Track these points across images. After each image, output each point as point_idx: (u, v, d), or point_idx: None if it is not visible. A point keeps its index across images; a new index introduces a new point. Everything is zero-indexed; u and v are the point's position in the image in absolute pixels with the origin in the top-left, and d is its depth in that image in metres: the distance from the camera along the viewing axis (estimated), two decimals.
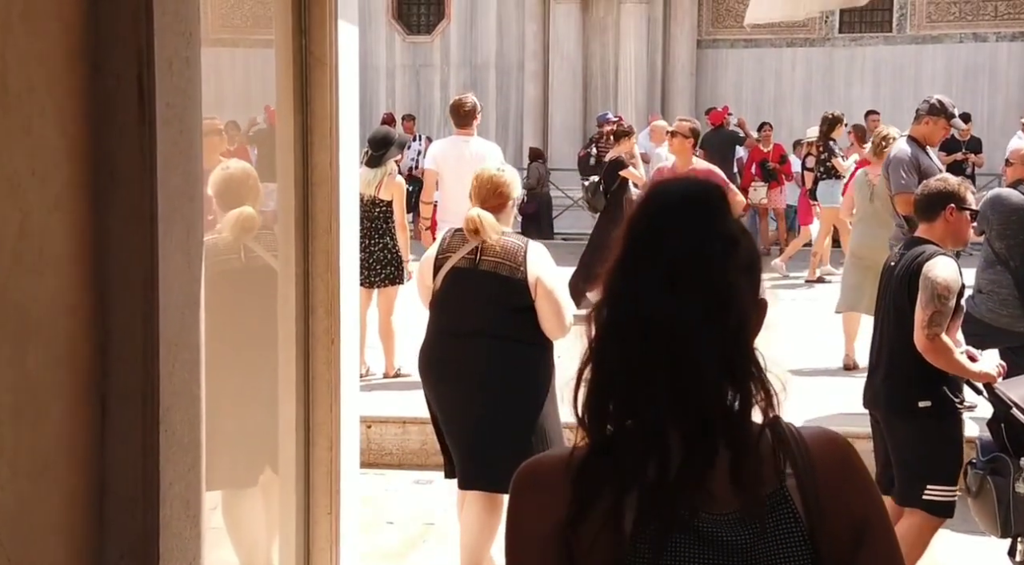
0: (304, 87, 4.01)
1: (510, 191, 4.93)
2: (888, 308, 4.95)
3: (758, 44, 21.17)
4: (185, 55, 2.36)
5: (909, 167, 7.36)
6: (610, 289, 1.68)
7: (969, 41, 20.49)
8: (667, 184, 1.74)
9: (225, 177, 4.45)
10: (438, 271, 4.87)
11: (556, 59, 20.76)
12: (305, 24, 3.96)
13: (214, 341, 4.10)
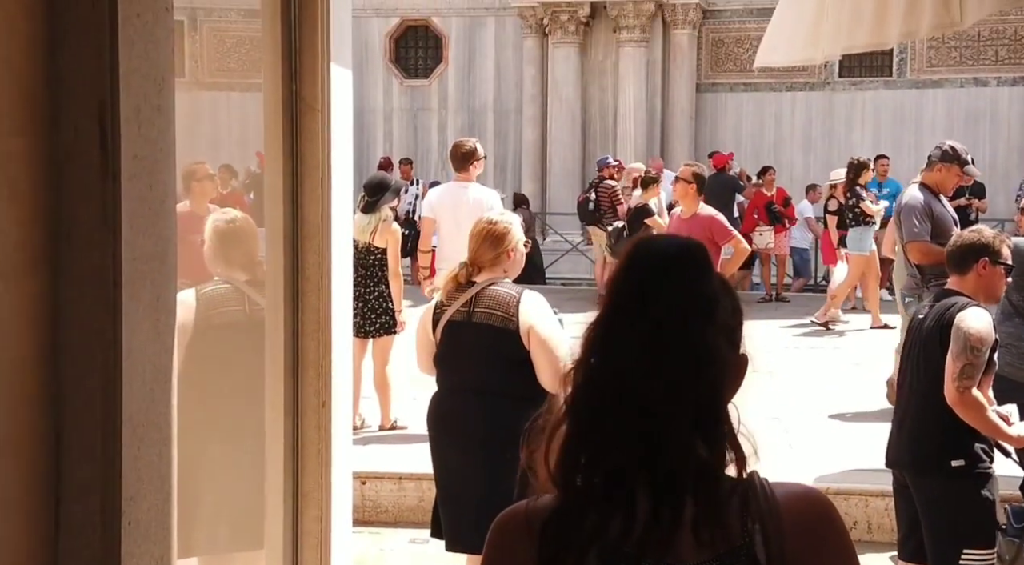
0: (294, 135, 3.79)
1: (508, 240, 4.70)
2: (916, 362, 4.70)
3: (757, 88, 21.06)
4: (156, 103, 2.13)
5: (922, 215, 7.16)
6: (589, 345, 1.73)
7: (970, 85, 20.38)
8: (650, 243, 1.79)
9: (226, 225, 4.22)
10: (437, 325, 4.67)
11: (554, 103, 20.63)
12: (296, 68, 3.75)
13: (200, 399, 3.88)
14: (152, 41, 2.10)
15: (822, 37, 3.75)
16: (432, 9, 22.08)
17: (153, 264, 2.13)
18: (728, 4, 21.06)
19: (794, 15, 4.22)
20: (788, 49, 4.39)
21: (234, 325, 4.12)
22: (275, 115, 3.74)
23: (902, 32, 2.79)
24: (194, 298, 4.07)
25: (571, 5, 20.06)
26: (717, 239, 8.39)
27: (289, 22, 3.69)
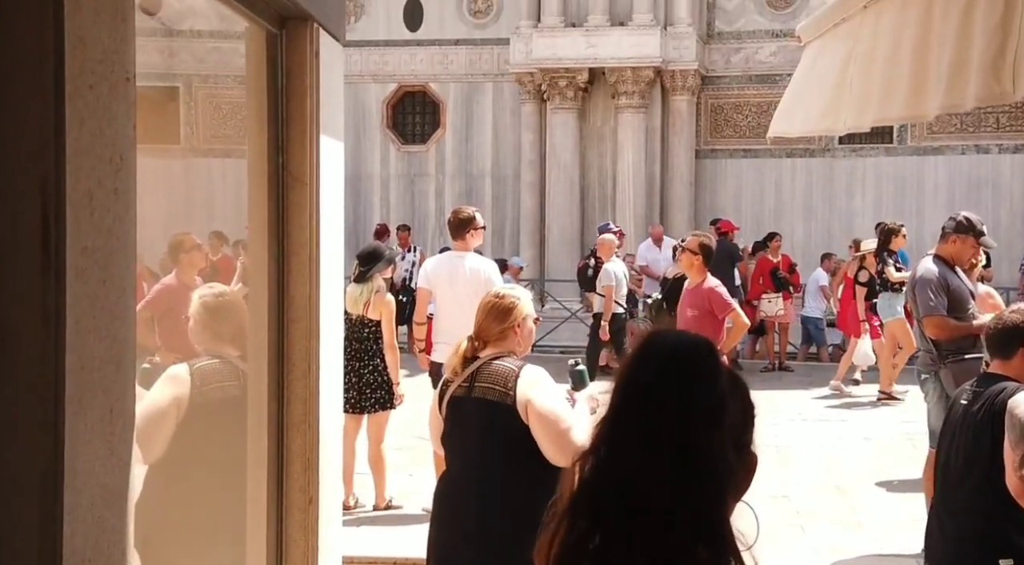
0: (280, 210, 3.52)
1: (514, 315, 4.46)
2: (963, 451, 4.39)
3: (757, 154, 20.92)
4: (112, 186, 1.85)
5: (937, 288, 6.89)
6: (597, 440, 1.76)
7: (971, 153, 20.24)
8: (658, 341, 1.80)
9: (214, 299, 3.93)
10: (442, 401, 4.46)
11: (553, 169, 20.46)
12: (283, 140, 3.49)
13: (177, 489, 3.57)
14: (108, 116, 1.83)
15: (844, 107, 3.51)
16: (430, 75, 22.01)
17: (106, 371, 1.84)
18: (727, 70, 20.99)
19: (813, 85, 4.00)
20: (805, 119, 4.15)
21: (231, 401, 3.84)
22: (259, 188, 3.48)
23: (945, 104, 2.55)
24: (187, 373, 3.78)
25: (569, 71, 19.97)
26: (716, 312, 8.15)
27: (276, 90, 3.44)
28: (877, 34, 3.11)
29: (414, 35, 22.02)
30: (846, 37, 3.48)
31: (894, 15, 2.94)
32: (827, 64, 3.71)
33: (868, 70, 3.17)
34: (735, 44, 20.98)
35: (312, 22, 3.43)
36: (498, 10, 21.68)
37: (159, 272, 4.31)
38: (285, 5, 3.27)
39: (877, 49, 3.08)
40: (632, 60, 19.70)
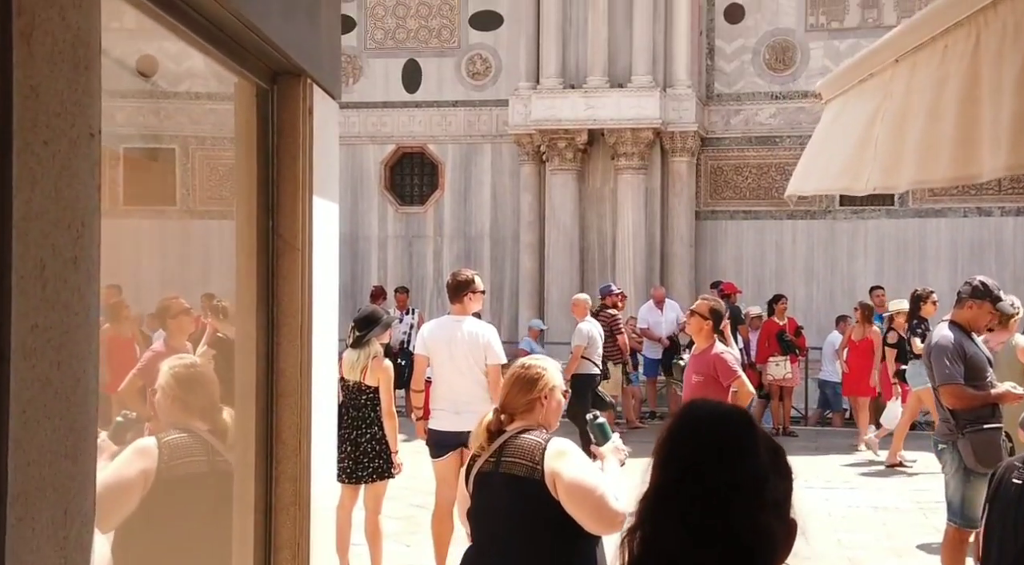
0: (270, 276, 3.30)
1: (541, 386, 4.27)
2: (1019, 533, 4.13)
3: (758, 216, 20.78)
4: (71, 254, 1.63)
5: (953, 355, 6.66)
6: (640, 518, 1.77)
7: (973, 215, 20.10)
8: (694, 415, 1.81)
9: (185, 370, 3.69)
10: (469, 476, 4.27)
11: (552, 230, 20.30)
12: (273, 202, 3.28)
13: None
14: (67, 176, 1.62)
15: (867, 166, 3.30)
16: (428, 136, 21.94)
17: (61, 466, 1.61)
18: (727, 132, 20.91)
19: (833, 143, 3.79)
20: (822, 176, 3.94)
21: (199, 478, 3.58)
22: (248, 254, 3.26)
23: (1010, 164, 2.31)
24: (156, 447, 3.53)
25: (568, 132, 19.88)
26: (721, 379, 7.93)
27: (266, 149, 3.23)
28: (911, 89, 2.91)
29: (412, 97, 21.98)
30: (873, 93, 3.28)
31: (933, 68, 2.74)
32: (850, 121, 3.51)
33: (900, 127, 2.96)
34: (735, 106, 20.93)
35: (305, 77, 3.24)
36: (496, 72, 21.66)
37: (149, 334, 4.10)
38: (277, 59, 3.08)
39: (912, 105, 2.88)
40: (631, 121, 19.63)
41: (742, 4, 20.86)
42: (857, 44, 20.30)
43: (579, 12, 20.14)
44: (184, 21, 2.53)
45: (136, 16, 2.48)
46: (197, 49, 2.75)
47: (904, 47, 3.04)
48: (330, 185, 3.49)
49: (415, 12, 21.97)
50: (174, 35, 2.54)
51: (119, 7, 2.32)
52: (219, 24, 2.70)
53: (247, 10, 2.68)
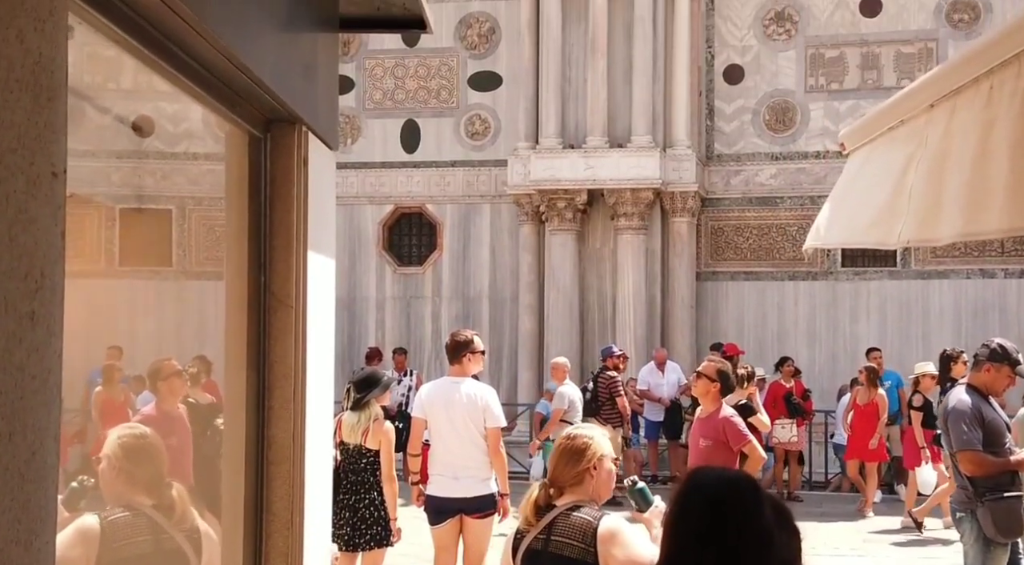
0: (262, 335, 3.09)
1: (589, 456, 4.10)
2: None
3: (759, 277, 20.61)
4: (28, 309, 1.43)
5: (971, 420, 6.43)
6: None
7: (976, 277, 19.91)
8: (698, 484, 1.86)
9: (133, 440, 3.43)
10: (516, 552, 4.08)
11: (552, 291, 20.11)
12: (265, 256, 3.08)
13: None
14: (24, 220, 1.41)
15: (900, 218, 3.10)
16: (426, 196, 21.82)
17: (11, 553, 1.39)
18: (727, 192, 20.81)
19: (859, 193, 3.58)
20: (848, 230, 3.72)
21: (144, 561, 3.32)
22: (238, 312, 3.06)
23: None
24: (98, 527, 3.27)
25: (568, 192, 19.77)
26: (732, 443, 7.72)
27: (258, 200, 3.04)
28: (951, 134, 2.72)
29: (411, 157, 21.91)
30: (906, 140, 3.08)
31: (977, 110, 2.55)
32: (879, 171, 3.31)
33: (938, 176, 2.77)
34: (735, 166, 20.84)
35: (300, 125, 3.05)
36: (495, 132, 21.60)
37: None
38: (271, 106, 2.89)
39: (952, 151, 2.69)
40: (631, 182, 19.51)
41: (741, 65, 20.84)
42: (857, 105, 20.28)
43: (578, 73, 20.12)
44: (171, 62, 2.35)
45: (124, 61, 2.30)
46: (185, 92, 2.57)
47: (940, 91, 2.85)
48: (326, 239, 3.29)
49: (414, 73, 21.96)
50: (159, 76, 2.36)
51: (102, 45, 2.14)
52: (209, 66, 2.53)
53: (239, 52, 2.50)
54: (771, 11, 20.69)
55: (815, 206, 20.46)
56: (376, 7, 3.55)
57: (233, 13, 2.39)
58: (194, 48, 2.34)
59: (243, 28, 2.48)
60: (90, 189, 2.67)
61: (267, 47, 2.72)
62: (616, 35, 19.87)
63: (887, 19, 20.30)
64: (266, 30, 2.71)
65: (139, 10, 2.10)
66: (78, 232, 2.85)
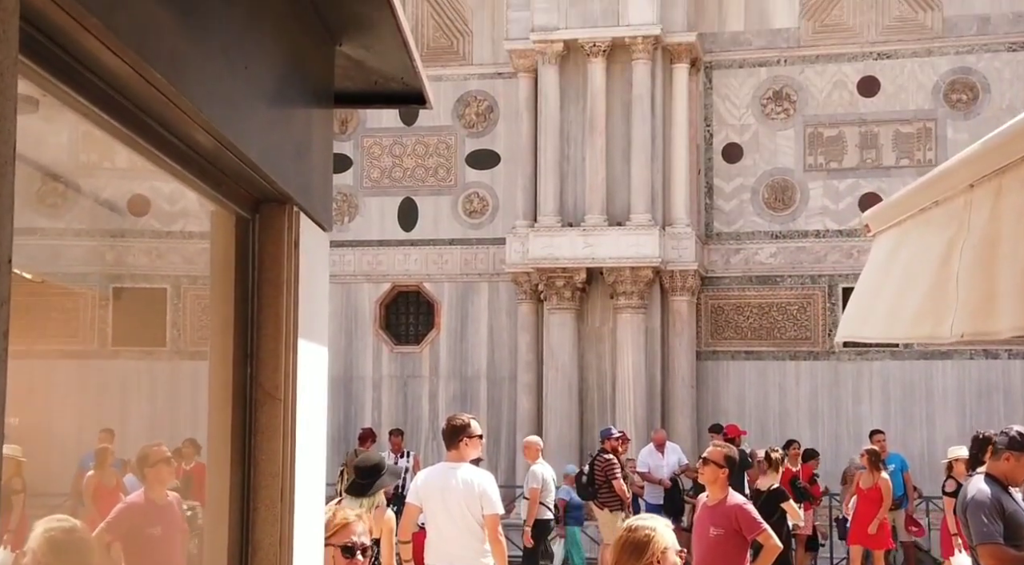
0: (247, 432, 2.86)
1: (651, 549, 3.92)
2: None
3: (760, 357, 20.38)
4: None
5: (991, 512, 6.17)
6: None
7: (980, 358, 19.69)
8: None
9: (63, 534, 3.13)
10: None
11: (550, 370, 19.86)
12: (252, 345, 2.85)
13: None
14: None
15: (949, 310, 2.88)
16: (424, 274, 21.66)
17: None
18: (727, 271, 20.66)
19: (896, 282, 3.36)
20: (890, 322, 3.48)
21: None
22: (222, 406, 2.83)
23: None
24: None
25: (567, 270, 19.62)
26: (745, 532, 7.42)
27: (246, 287, 2.82)
28: (998, 217, 2.52)
29: (408, 235, 21.80)
30: (944, 223, 2.88)
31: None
32: (915, 257, 3.10)
33: (988, 263, 2.56)
34: (734, 245, 20.72)
35: (291, 205, 2.85)
36: (493, 210, 21.51)
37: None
38: (259, 185, 2.69)
39: (1001, 235, 2.48)
40: (631, 260, 19.38)
41: (740, 144, 20.82)
42: (856, 184, 20.25)
43: (577, 151, 20.08)
44: (149, 138, 2.15)
45: (94, 136, 2.10)
46: (165, 170, 2.36)
47: (981, 170, 2.66)
48: (318, 326, 3.08)
49: (412, 151, 21.92)
50: (136, 153, 2.15)
51: (61, 113, 1.94)
52: (191, 143, 2.33)
53: (224, 127, 2.31)
54: (769, 90, 20.71)
55: (815, 285, 20.39)
56: (374, 82, 3.38)
57: (217, 85, 2.20)
58: (173, 122, 2.14)
59: (228, 101, 2.29)
60: (84, 268, 2.51)
61: (255, 122, 2.53)
62: (614, 113, 19.87)
63: (885, 99, 20.32)
64: (254, 104, 2.52)
65: (111, 81, 1.91)
66: (72, 311, 2.66)
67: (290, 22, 2.74)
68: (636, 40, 19.67)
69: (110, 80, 1.89)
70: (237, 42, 2.27)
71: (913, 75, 20.24)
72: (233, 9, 2.28)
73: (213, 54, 2.13)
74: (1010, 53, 19.95)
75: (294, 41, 2.81)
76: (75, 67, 1.77)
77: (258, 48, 2.45)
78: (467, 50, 21.77)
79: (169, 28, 1.89)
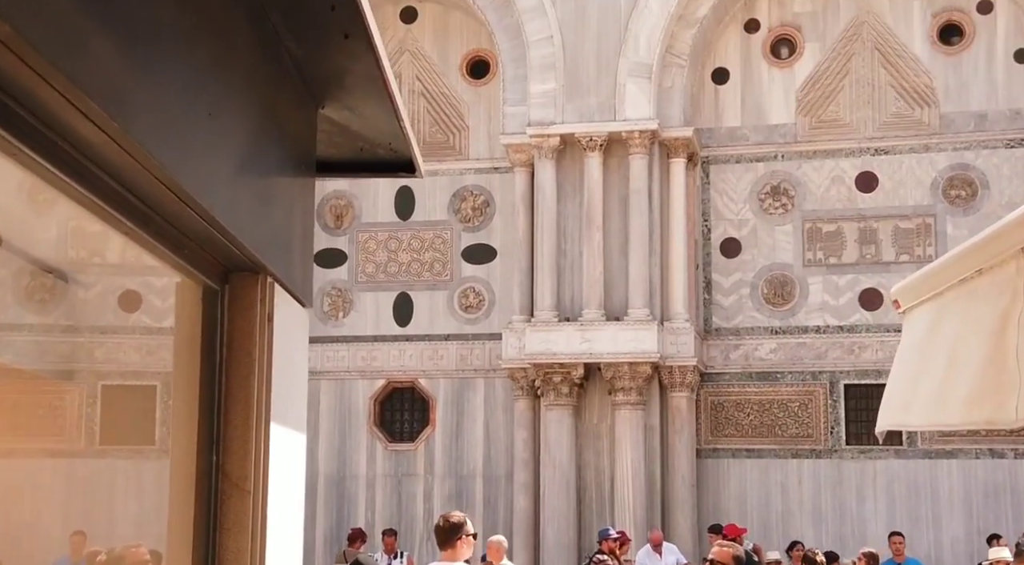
0: (211, 528, 2.56)
1: None
2: None
3: (761, 454, 19.98)
4: None
5: None
6: None
7: (985, 457, 19.29)
8: None
9: None
10: None
11: (547, 468, 19.44)
12: (219, 432, 2.57)
13: None
14: None
15: (1011, 389, 2.58)
16: (419, 370, 21.34)
17: None
18: (726, 367, 20.35)
19: (941, 361, 3.06)
20: (938, 407, 3.15)
21: None
22: (184, 498, 2.53)
23: None
24: None
25: (564, 366, 19.31)
26: None
27: (212, 366, 2.54)
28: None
29: (404, 330, 21.54)
30: (992, 293, 2.60)
31: None
32: (961, 331, 2.81)
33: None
34: (734, 340, 20.45)
35: (265, 275, 2.58)
36: (490, 305, 21.27)
37: None
38: (228, 250, 2.43)
39: None
40: (629, 355, 19.10)
41: (738, 238, 20.68)
42: (856, 279, 20.06)
43: (574, 245, 19.93)
44: (90, 186, 1.89)
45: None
46: (119, 231, 2.10)
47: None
48: (294, 411, 2.79)
49: (407, 245, 21.76)
50: (80, 206, 1.89)
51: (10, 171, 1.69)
52: (151, 202, 2.08)
53: (183, 178, 2.05)
54: (767, 185, 20.63)
55: (817, 382, 20.07)
56: (359, 148, 3.14)
57: (171, 128, 1.95)
58: (119, 167, 1.88)
59: (186, 148, 2.03)
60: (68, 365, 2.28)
61: (221, 178, 2.28)
62: (611, 208, 19.77)
63: (883, 195, 20.23)
64: (220, 158, 2.27)
65: (51, 124, 1.65)
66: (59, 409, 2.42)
67: (264, 71, 2.50)
68: (633, 134, 19.64)
69: (51, 124, 1.64)
70: (198, 84, 2.03)
71: (911, 171, 20.18)
72: (195, 49, 2.04)
73: (164, 91, 1.88)
74: (1008, 149, 19.91)
75: (270, 95, 2.57)
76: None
77: (226, 96, 2.21)
78: (463, 145, 21.73)
79: (104, 52, 1.64)
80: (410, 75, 21.78)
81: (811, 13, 20.80)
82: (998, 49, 20.12)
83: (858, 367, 19.81)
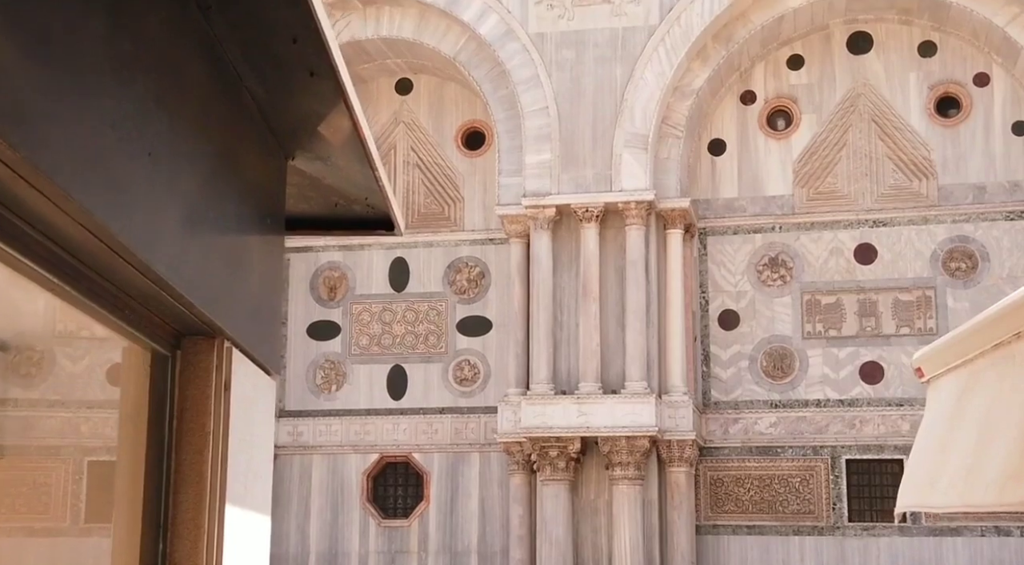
0: None
1: None
2: None
3: (762, 531, 19.56)
4: None
5: None
6: None
7: (991, 535, 18.88)
8: None
9: None
10: None
11: (544, 545, 19.01)
12: (166, 516, 2.28)
13: None
14: None
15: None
16: (413, 445, 20.98)
17: None
18: (726, 441, 20.00)
19: (971, 435, 2.78)
20: (970, 485, 2.84)
21: None
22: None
23: None
24: None
25: (560, 440, 18.96)
26: None
27: (161, 441, 2.27)
28: None
29: (397, 404, 21.21)
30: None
31: None
32: (996, 403, 2.54)
33: None
34: (733, 414, 20.12)
35: (222, 339, 2.32)
36: (485, 378, 20.97)
37: None
38: (177, 312, 2.17)
39: None
40: (626, 429, 18.75)
41: (736, 310, 20.44)
42: (856, 352, 19.79)
43: (570, 317, 19.67)
44: (28, 253, 1.64)
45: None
46: (52, 294, 1.84)
47: None
48: (255, 491, 2.50)
49: (401, 318, 21.50)
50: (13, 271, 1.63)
51: None
52: (87, 259, 1.82)
53: (122, 234, 1.79)
54: (765, 257, 20.44)
55: (818, 456, 19.70)
56: (334, 204, 2.90)
57: (97, 165, 1.70)
58: (63, 233, 1.63)
59: (117, 189, 1.78)
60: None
61: (166, 229, 2.02)
62: (608, 279, 19.55)
63: (882, 267, 20.03)
64: (162, 204, 2.02)
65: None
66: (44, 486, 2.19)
67: (219, 110, 2.25)
68: (629, 205, 19.48)
69: None
70: (133, 119, 1.78)
71: (910, 243, 20.01)
72: (130, 81, 1.80)
73: (87, 123, 1.63)
74: (1008, 222, 19.76)
75: (228, 139, 2.32)
76: None
77: (170, 136, 1.96)
78: (458, 216, 21.58)
79: (10, 74, 1.40)
80: (405, 146, 21.70)
81: (807, 85, 20.76)
82: (995, 121, 20.06)
83: (860, 441, 19.49)
